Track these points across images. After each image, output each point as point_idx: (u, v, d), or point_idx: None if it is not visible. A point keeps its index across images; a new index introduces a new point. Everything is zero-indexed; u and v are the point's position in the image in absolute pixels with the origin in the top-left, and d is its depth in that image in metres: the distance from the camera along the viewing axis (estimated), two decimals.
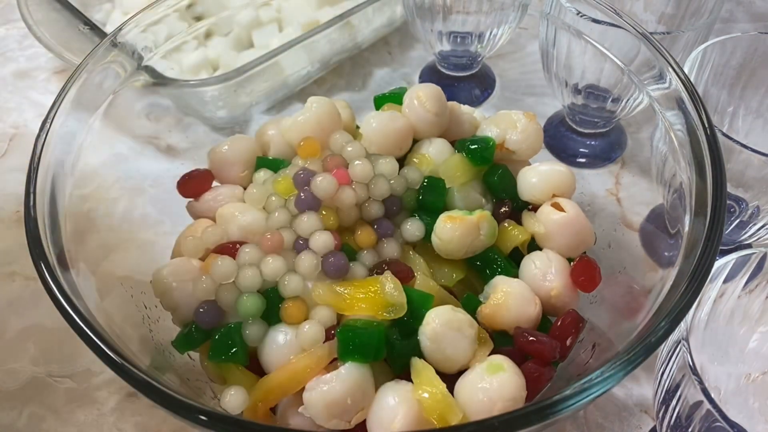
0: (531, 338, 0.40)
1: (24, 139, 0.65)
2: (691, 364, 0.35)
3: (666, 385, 0.38)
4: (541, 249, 0.45)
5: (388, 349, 0.39)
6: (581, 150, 0.62)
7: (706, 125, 0.40)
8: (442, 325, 0.38)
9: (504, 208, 0.47)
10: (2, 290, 0.54)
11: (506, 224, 0.46)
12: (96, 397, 0.48)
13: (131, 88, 0.48)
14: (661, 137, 0.45)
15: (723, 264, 0.41)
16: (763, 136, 0.56)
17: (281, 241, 0.41)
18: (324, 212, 0.42)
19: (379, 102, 0.51)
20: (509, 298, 0.41)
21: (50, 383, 0.49)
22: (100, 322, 0.34)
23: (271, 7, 0.66)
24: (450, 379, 0.38)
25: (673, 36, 0.54)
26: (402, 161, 0.47)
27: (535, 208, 0.47)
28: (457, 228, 0.42)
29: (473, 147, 0.46)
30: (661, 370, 0.39)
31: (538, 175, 0.46)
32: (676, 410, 0.37)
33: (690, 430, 0.36)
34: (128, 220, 0.48)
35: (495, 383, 0.37)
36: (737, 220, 0.50)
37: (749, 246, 0.52)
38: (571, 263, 0.44)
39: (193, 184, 0.48)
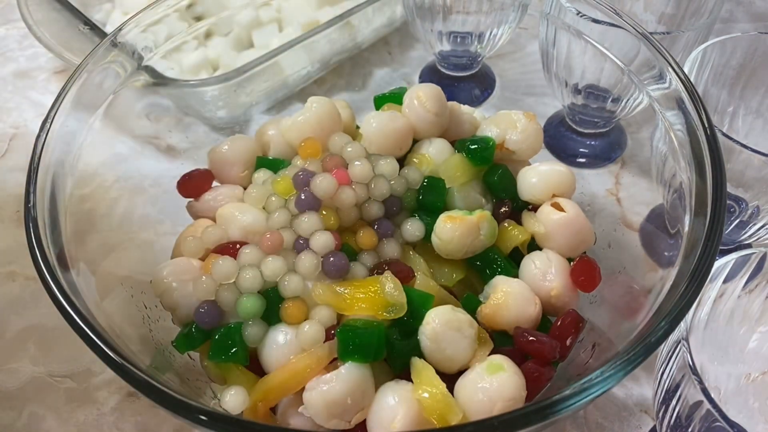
0: (531, 338, 0.40)
1: (24, 139, 0.65)
2: (691, 364, 0.35)
3: (666, 385, 0.38)
4: (541, 249, 0.45)
5: (388, 349, 0.38)
6: (581, 150, 0.62)
7: (706, 125, 0.40)
8: (442, 325, 0.38)
9: (504, 208, 0.47)
10: (2, 290, 0.54)
11: (506, 224, 0.46)
12: (96, 397, 0.48)
13: (131, 88, 0.48)
14: (661, 137, 0.45)
15: (723, 264, 0.41)
16: (763, 136, 0.56)
17: (281, 241, 0.41)
18: (324, 212, 0.42)
19: (379, 102, 0.51)
20: (509, 298, 0.41)
21: (50, 383, 0.49)
22: (100, 322, 0.34)
23: (271, 7, 0.66)
24: (450, 379, 0.38)
25: (673, 36, 0.54)
26: (402, 161, 0.47)
27: (535, 208, 0.47)
28: (457, 228, 0.42)
29: (473, 147, 0.46)
30: (661, 370, 0.39)
31: (538, 175, 0.46)
32: (676, 410, 0.37)
33: (690, 430, 0.36)
34: (128, 220, 0.48)
35: (495, 383, 0.37)
36: (737, 220, 0.50)
37: (749, 246, 0.52)
38: (571, 263, 0.44)
39: (193, 184, 0.48)
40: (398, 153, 0.47)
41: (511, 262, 0.45)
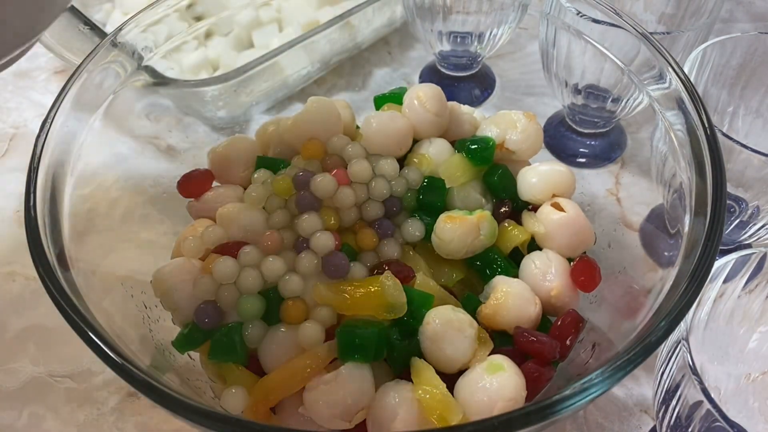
0: (531, 338, 0.40)
1: (24, 139, 0.65)
2: (691, 364, 0.35)
3: (666, 385, 0.38)
4: (541, 249, 0.45)
5: (388, 349, 0.39)
6: (581, 150, 0.62)
7: (706, 125, 0.40)
8: (442, 325, 0.38)
9: (504, 208, 0.47)
10: (2, 290, 0.54)
11: (506, 224, 0.46)
12: (96, 397, 0.48)
13: (131, 88, 0.48)
14: (661, 137, 0.45)
15: (723, 264, 0.41)
16: (763, 136, 0.56)
17: (281, 241, 0.41)
18: (324, 213, 0.42)
19: (379, 102, 0.51)
20: (509, 298, 0.41)
21: (50, 383, 0.49)
22: (100, 322, 0.34)
23: (271, 7, 0.66)
24: (450, 379, 0.38)
25: (673, 36, 0.54)
26: (402, 161, 0.47)
27: (535, 208, 0.47)
28: (457, 228, 0.42)
29: (473, 147, 0.46)
30: (661, 370, 0.39)
31: (538, 175, 0.46)
32: (676, 410, 0.37)
33: (690, 430, 0.36)
34: (128, 220, 0.48)
35: (495, 383, 0.37)
36: (737, 220, 0.50)
37: (749, 246, 0.52)
38: (571, 263, 0.44)
39: (193, 184, 0.48)
40: (398, 153, 0.47)
41: (511, 262, 0.45)
